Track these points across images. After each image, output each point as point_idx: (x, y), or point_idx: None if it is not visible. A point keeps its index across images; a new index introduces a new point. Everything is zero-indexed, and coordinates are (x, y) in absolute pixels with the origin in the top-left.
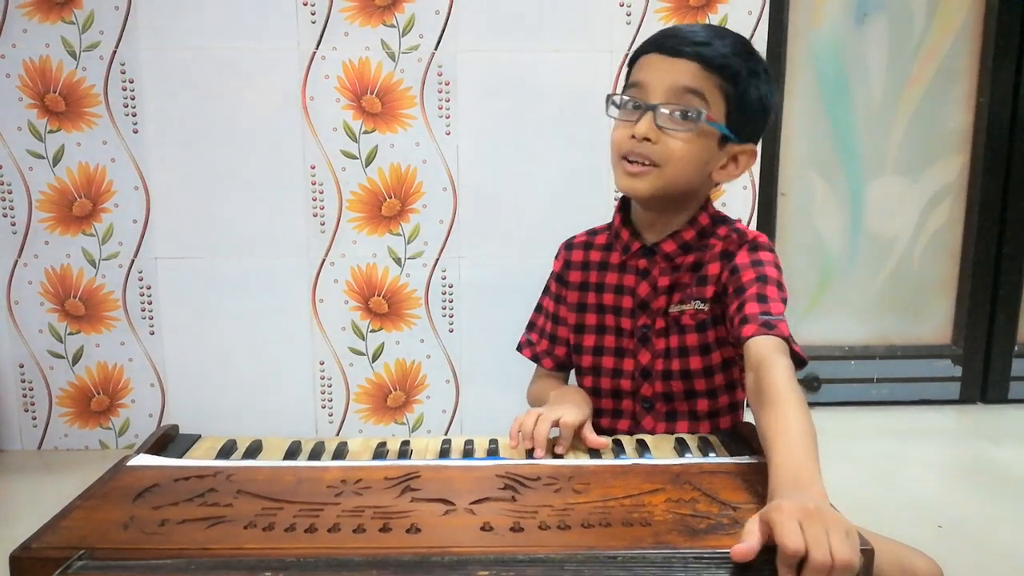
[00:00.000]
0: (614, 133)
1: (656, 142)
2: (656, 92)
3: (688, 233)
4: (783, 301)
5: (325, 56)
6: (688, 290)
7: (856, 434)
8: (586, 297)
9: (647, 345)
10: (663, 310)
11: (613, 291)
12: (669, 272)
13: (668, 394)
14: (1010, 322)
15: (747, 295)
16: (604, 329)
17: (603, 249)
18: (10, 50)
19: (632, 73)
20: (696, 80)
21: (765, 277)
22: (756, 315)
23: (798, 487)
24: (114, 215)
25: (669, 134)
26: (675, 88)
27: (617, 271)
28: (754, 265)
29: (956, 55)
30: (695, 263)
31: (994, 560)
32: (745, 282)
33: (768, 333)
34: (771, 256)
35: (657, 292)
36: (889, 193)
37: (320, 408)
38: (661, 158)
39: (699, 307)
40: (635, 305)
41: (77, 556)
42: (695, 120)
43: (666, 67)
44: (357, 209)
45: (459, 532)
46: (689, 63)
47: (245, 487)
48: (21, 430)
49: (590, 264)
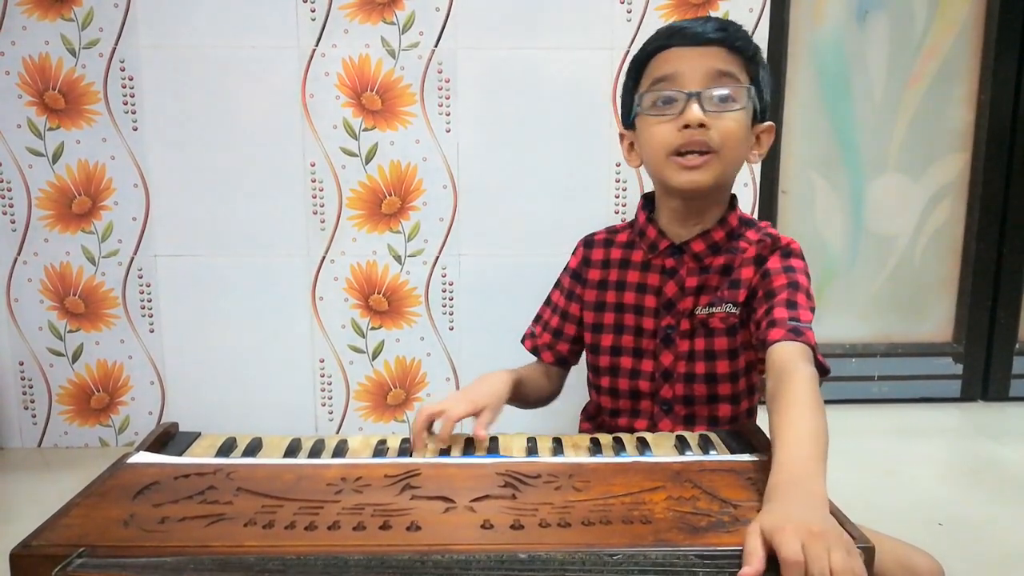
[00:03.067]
0: (653, 131)
1: (710, 128)
2: (693, 80)
3: (718, 233)
4: (811, 310)
5: (325, 53)
6: (718, 293)
7: (857, 432)
8: (605, 296)
9: (670, 346)
10: (689, 311)
11: (635, 290)
12: (697, 273)
13: (689, 397)
14: (1011, 320)
15: (776, 300)
16: (623, 329)
17: (624, 247)
18: (9, 47)
19: (650, 71)
20: (726, 62)
21: (796, 284)
22: (784, 320)
23: (796, 486)
24: (114, 213)
25: (721, 117)
26: (711, 73)
27: (639, 270)
28: (786, 271)
29: (957, 53)
30: (725, 265)
31: (995, 558)
32: (776, 287)
33: (795, 339)
34: (802, 264)
35: (684, 292)
36: (890, 191)
37: (320, 406)
38: (718, 143)
39: (730, 310)
40: (659, 305)
41: (77, 554)
42: (744, 98)
43: (696, 55)
44: (357, 207)
45: (459, 530)
46: (717, 48)
47: (245, 485)
48: (21, 428)
49: (611, 262)
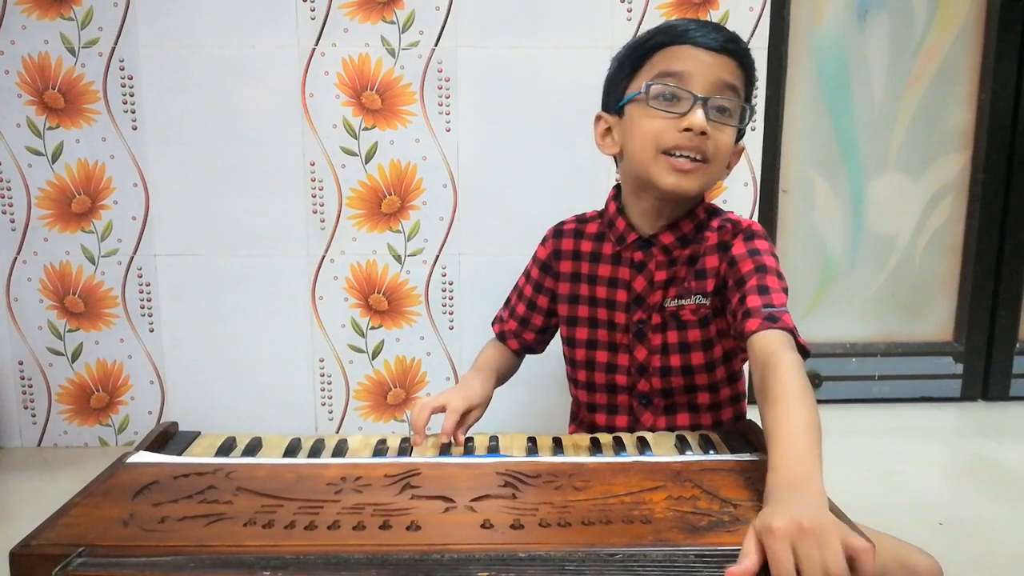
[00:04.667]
0: (649, 124)
1: (709, 137)
2: (701, 85)
3: (687, 225)
4: (784, 291)
5: (325, 52)
6: (685, 284)
7: (857, 431)
8: (578, 289)
9: (643, 341)
10: (658, 305)
11: (606, 284)
12: (666, 266)
13: (667, 389)
14: (1011, 319)
15: (748, 287)
16: (597, 323)
17: (595, 239)
18: (9, 47)
19: (656, 63)
20: (733, 76)
21: (764, 267)
22: (759, 308)
23: (795, 487)
24: (113, 212)
25: (719, 128)
26: (718, 83)
27: (610, 263)
28: (751, 255)
29: (958, 53)
30: (691, 256)
31: (994, 558)
32: (744, 273)
33: (772, 327)
34: (767, 244)
35: (653, 287)
36: (890, 191)
37: (320, 405)
38: (712, 153)
39: (700, 301)
40: (630, 299)
41: (77, 553)
42: (738, 115)
43: (709, 60)
44: (357, 206)
45: (459, 529)
46: (728, 59)
47: (245, 484)
48: (20, 427)
49: (581, 255)
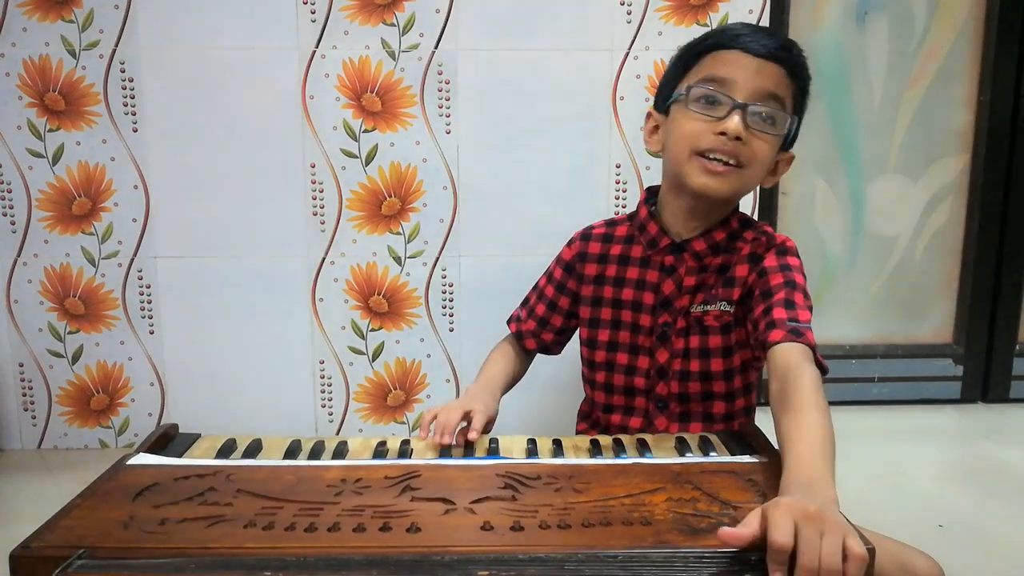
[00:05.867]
0: (687, 125)
1: (745, 143)
2: (744, 91)
3: (720, 234)
4: (809, 309)
5: (325, 55)
6: (713, 291)
7: (857, 433)
8: (602, 291)
9: (666, 344)
10: (685, 309)
11: (633, 286)
12: (696, 272)
13: (684, 395)
14: (1011, 321)
15: (775, 300)
16: (619, 325)
17: (624, 242)
18: (10, 49)
19: (704, 66)
20: (780, 86)
21: (793, 283)
22: (784, 321)
23: (809, 489)
24: (113, 214)
25: (757, 136)
26: (762, 91)
27: (638, 266)
28: (783, 270)
29: (957, 55)
30: (722, 264)
31: (994, 560)
32: (773, 286)
33: (796, 340)
34: (798, 262)
35: (682, 291)
36: (890, 192)
37: (320, 407)
38: (747, 159)
39: (725, 308)
40: (656, 302)
41: (77, 555)
42: (783, 124)
43: (755, 68)
44: (357, 208)
45: (459, 531)
46: (777, 67)
47: (245, 486)
48: (20, 429)
49: (609, 257)
